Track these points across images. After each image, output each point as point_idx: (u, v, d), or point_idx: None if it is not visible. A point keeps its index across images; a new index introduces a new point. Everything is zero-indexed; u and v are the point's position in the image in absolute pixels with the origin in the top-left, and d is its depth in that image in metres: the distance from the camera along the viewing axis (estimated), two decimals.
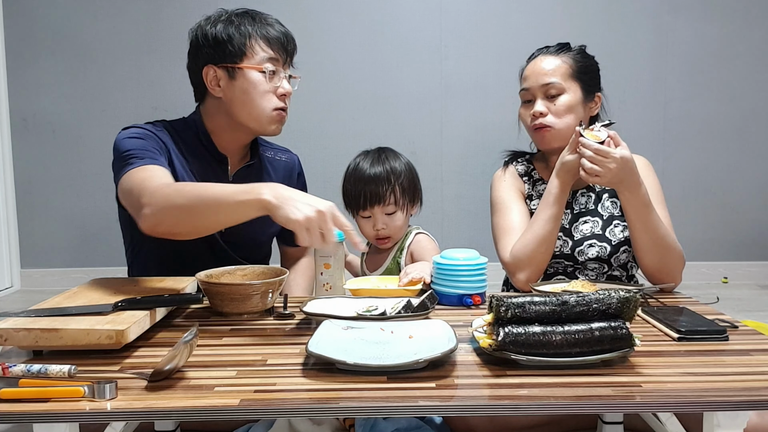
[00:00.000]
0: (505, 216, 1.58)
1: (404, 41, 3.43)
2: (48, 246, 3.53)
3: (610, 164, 1.34)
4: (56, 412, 0.78)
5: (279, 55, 1.44)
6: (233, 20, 1.43)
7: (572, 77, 1.55)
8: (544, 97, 1.54)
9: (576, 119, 1.54)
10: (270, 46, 1.43)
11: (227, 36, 1.41)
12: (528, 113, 1.56)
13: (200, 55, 1.45)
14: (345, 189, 1.62)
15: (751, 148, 3.47)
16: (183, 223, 1.19)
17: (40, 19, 3.40)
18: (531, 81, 1.56)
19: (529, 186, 1.65)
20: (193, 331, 0.89)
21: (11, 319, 1.00)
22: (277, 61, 1.44)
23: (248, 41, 1.42)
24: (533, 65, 1.58)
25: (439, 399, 0.81)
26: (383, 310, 1.15)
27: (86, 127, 3.46)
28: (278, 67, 1.44)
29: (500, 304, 0.94)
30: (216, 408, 0.79)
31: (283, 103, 1.46)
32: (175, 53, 3.39)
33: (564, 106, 1.53)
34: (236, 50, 1.41)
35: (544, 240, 1.45)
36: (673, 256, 1.42)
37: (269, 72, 1.42)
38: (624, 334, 0.93)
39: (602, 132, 1.37)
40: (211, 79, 1.44)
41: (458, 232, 3.41)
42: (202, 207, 1.15)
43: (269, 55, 1.43)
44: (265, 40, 1.43)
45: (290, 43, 1.48)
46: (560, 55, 1.56)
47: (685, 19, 3.39)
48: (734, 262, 3.52)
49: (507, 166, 1.69)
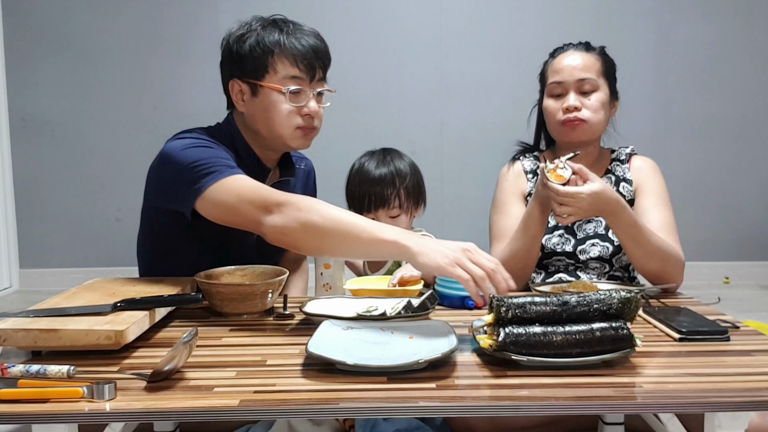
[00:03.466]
0: (500, 218, 1.60)
1: (404, 41, 3.43)
2: (47, 246, 3.53)
3: (580, 203, 1.30)
4: (55, 412, 0.78)
5: (305, 73, 1.35)
6: (259, 32, 1.35)
7: (604, 76, 1.55)
8: (577, 92, 1.53)
9: (605, 118, 1.54)
10: (295, 63, 1.34)
11: (249, 50, 1.34)
12: (558, 106, 1.54)
13: (226, 67, 1.41)
14: (349, 190, 1.62)
15: (751, 148, 3.47)
16: (311, 241, 1.17)
17: (39, 19, 3.39)
18: (566, 74, 1.53)
19: (533, 183, 1.64)
20: (192, 332, 0.89)
21: (10, 320, 1.00)
22: (302, 79, 1.35)
23: (270, 57, 1.34)
24: (566, 59, 1.55)
25: (439, 400, 0.81)
26: (383, 311, 1.15)
27: (86, 127, 3.46)
28: (303, 86, 1.35)
29: (501, 304, 0.94)
30: (215, 409, 0.79)
31: (306, 122, 1.38)
32: (175, 53, 3.40)
33: (598, 102, 1.52)
34: (257, 66, 1.34)
35: (521, 258, 1.45)
36: (671, 261, 1.40)
37: (290, 92, 1.34)
38: (625, 335, 0.92)
39: (566, 171, 1.32)
40: (236, 93, 1.39)
41: (458, 232, 3.38)
42: (339, 233, 1.13)
43: (292, 74, 1.34)
44: (290, 56, 1.34)
45: (320, 58, 1.37)
46: (590, 53, 1.56)
47: (686, 18, 3.39)
48: (735, 262, 3.52)
49: (514, 162, 1.69)
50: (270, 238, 1.20)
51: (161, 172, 1.33)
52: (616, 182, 1.59)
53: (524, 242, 1.45)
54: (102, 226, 3.48)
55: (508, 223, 1.56)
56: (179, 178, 1.27)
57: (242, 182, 1.24)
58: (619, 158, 1.63)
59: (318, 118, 1.40)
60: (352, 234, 1.12)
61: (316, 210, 1.15)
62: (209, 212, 1.26)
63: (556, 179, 1.30)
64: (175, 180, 1.28)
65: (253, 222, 1.20)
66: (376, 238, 1.10)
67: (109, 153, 3.47)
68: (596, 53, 1.57)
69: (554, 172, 1.31)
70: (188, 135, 1.36)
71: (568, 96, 1.52)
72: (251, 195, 1.21)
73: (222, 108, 1.48)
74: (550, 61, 1.60)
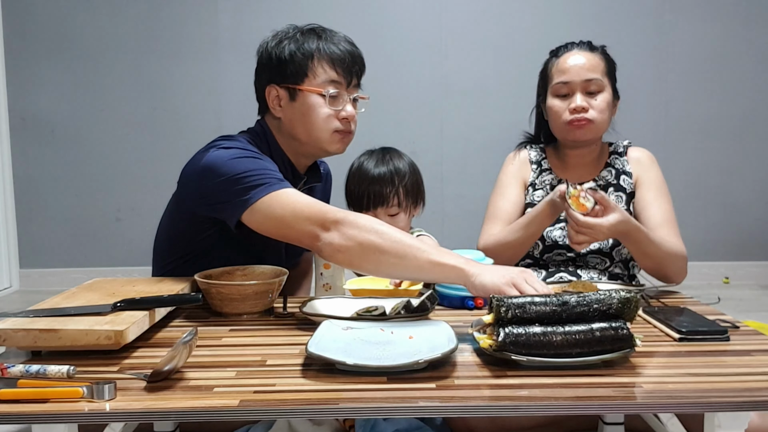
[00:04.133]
0: (497, 200, 1.66)
1: (404, 41, 3.42)
2: (47, 246, 3.53)
3: (597, 235, 1.35)
4: (55, 412, 0.78)
5: (343, 78, 1.38)
6: (298, 38, 1.38)
7: (607, 76, 1.56)
8: (583, 92, 1.53)
9: (610, 118, 1.57)
10: (334, 68, 1.37)
11: (289, 56, 1.36)
12: (564, 106, 1.55)
13: (263, 73, 1.41)
14: (348, 188, 1.62)
15: (751, 148, 3.47)
16: (368, 261, 1.17)
17: (39, 19, 3.39)
18: (572, 75, 1.54)
19: (536, 174, 1.66)
20: (192, 332, 0.89)
21: (10, 320, 1.00)
22: (340, 84, 1.38)
23: (310, 62, 1.36)
24: (572, 59, 1.56)
25: (439, 400, 0.81)
26: (383, 311, 1.15)
27: (85, 127, 3.46)
28: (341, 90, 1.38)
29: (500, 304, 0.94)
30: (215, 409, 0.79)
31: (344, 126, 1.40)
32: (174, 53, 3.40)
33: (604, 102, 1.54)
34: (297, 71, 1.36)
35: (513, 248, 1.53)
36: (676, 262, 1.45)
37: (330, 95, 1.36)
38: (625, 335, 0.92)
39: (589, 201, 1.33)
40: (273, 99, 1.40)
41: (458, 232, 3.40)
42: (398, 254, 1.13)
43: (331, 78, 1.36)
44: (329, 61, 1.36)
45: (356, 64, 1.41)
46: (594, 53, 1.57)
47: (686, 19, 3.39)
48: (735, 262, 3.51)
49: (520, 150, 1.71)
50: (326, 254, 1.20)
51: (206, 181, 1.30)
52: (616, 175, 1.61)
53: (521, 236, 1.51)
54: (102, 226, 3.48)
55: (505, 205, 1.62)
56: (227, 188, 1.26)
57: (296, 197, 1.24)
58: (617, 151, 1.65)
59: (354, 122, 1.43)
60: (410, 255, 1.13)
61: (375, 230, 1.16)
62: (259, 224, 1.25)
63: (577, 208, 1.31)
64: (222, 190, 1.27)
65: (308, 238, 1.20)
66: (435, 262, 1.12)
67: (109, 153, 3.47)
68: (599, 53, 1.58)
69: (576, 200, 1.31)
70: (233, 144, 1.33)
71: (574, 96, 1.53)
72: (308, 211, 1.21)
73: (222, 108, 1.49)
74: (554, 61, 1.60)
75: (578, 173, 1.63)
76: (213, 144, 1.35)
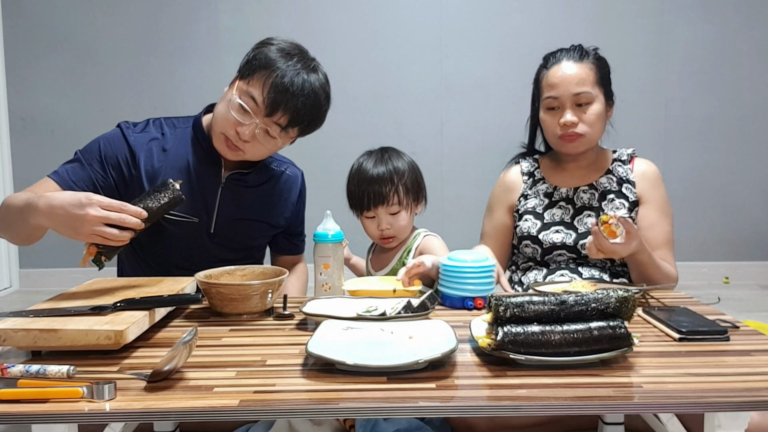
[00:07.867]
0: (487, 220, 1.73)
1: (404, 41, 3.42)
2: (47, 246, 3.49)
3: (615, 255, 1.38)
4: (55, 412, 0.78)
5: (261, 104, 1.36)
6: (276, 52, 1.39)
7: (598, 85, 1.54)
8: (573, 106, 1.52)
9: (602, 128, 1.57)
10: (262, 87, 1.36)
11: (253, 56, 1.41)
12: (554, 121, 1.54)
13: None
14: (349, 190, 1.63)
15: (751, 148, 3.47)
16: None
17: (39, 19, 3.39)
18: (561, 90, 1.52)
19: (527, 185, 1.66)
20: (192, 332, 0.89)
21: (10, 320, 1.00)
22: (256, 105, 1.37)
23: (258, 71, 1.37)
24: (560, 72, 1.53)
25: (439, 399, 0.81)
26: (383, 311, 1.15)
27: (85, 127, 3.44)
28: (253, 109, 1.37)
29: (499, 303, 0.94)
30: (215, 409, 0.79)
31: (233, 139, 1.39)
32: (174, 53, 3.40)
33: (595, 115, 1.52)
34: (247, 69, 1.40)
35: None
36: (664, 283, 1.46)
37: (237, 103, 1.37)
38: (622, 334, 0.93)
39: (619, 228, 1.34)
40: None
41: (459, 233, 3.38)
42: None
43: (253, 93, 1.37)
44: (267, 79, 1.36)
45: (290, 104, 1.36)
46: (584, 61, 1.54)
47: (686, 18, 3.39)
48: (735, 262, 3.51)
49: (510, 167, 1.72)
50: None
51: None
52: (618, 182, 1.59)
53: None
54: None
55: (491, 225, 1.71)
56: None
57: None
58: (621, 159, 1.63)
59: (246, 146, 1.40)
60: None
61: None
62: None
63: (608, 234, 1.34)
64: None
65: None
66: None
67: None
68: (590, 60, 1.55)
69: (609, 227, 1.34)
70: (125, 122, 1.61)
71: (564, 111, 1.52)
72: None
73: None
74: (544, 73, 1.58)
75: (575, 178, 1.63)
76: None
